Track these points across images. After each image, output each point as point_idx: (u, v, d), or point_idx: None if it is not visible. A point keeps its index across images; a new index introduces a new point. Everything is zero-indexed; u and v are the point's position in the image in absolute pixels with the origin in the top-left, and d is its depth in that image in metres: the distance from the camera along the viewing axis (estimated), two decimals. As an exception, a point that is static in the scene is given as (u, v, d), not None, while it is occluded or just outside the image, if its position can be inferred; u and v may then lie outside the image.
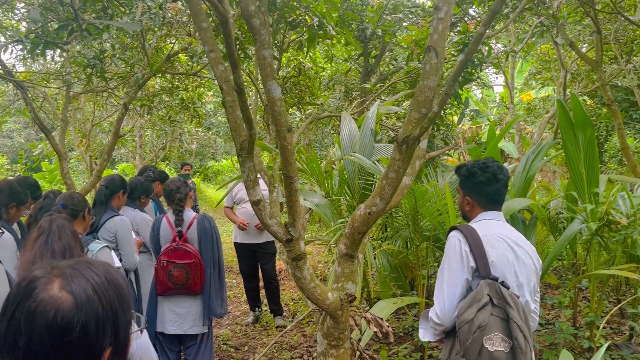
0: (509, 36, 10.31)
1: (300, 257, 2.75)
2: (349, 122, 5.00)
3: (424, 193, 4.12)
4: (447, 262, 2.21)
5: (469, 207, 2.33)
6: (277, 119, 2.46)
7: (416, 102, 2.74)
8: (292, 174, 2.58)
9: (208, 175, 25.25)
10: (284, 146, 2.51)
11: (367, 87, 5.73)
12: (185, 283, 3.49)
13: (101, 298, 0.94)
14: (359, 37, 6.85)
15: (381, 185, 2.90)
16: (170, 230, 3.63)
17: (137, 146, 14.33)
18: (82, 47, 6.86)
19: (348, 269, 3.15)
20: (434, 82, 2.71)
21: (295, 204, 2.67)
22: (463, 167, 2.33)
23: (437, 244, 4.50)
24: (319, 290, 2.83)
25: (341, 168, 5.22)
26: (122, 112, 7.58)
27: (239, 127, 2.54)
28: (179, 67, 8.85)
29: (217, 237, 3.65)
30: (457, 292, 2.14)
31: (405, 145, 2.75)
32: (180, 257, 3.52)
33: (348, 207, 4.96)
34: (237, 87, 2.23)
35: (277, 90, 2.43)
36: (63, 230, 1.83)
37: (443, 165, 5.31)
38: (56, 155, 10.50)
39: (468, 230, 2.19)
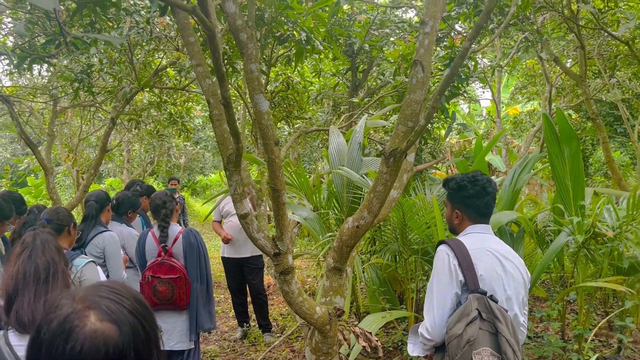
0: (495, 51, 10.46)
1: (288, 271, 2.73)
2: (337, 136, 5.01)
3: (411, 206, 4.13)
4: (436, 276, 2.20)
5: (457, 220, 2.33)
6: (265, 132, 2.46)
7: (403, 116, 2.76)
8: (280, 187, 2.58)
9: (196, 190, 25.14)
10: (272, 159, 2.51)
11: (355, 102, 5.76)
12: (170, 298, 3.45)
13: (139, 319, 0.92)
14: (347, 52, 6.91)
15: (369, 198, 2.90)
16: (155, 245, 3.60)
17: (125, 161, 14.24)
18: (69, 62, 6.85)
19: (336, 282, 3.13)
20: (420, 95, 2.73)
21: (283, 217, 2.66)
22: (452, 180, 2.33)
23: (425, 257, 4.50)
24: (307, 305, 2.81)
25: (329, 182, 5.22)
26: (110, 126, 7.55)
27: (226, 140, 2.53)
28: (167, 82, 8.84)
29: (204, 252, 3.61)
30: (446, 307, 2.13)
31: (393, 159, 2.77)
32: (165, 272, 3.48)
33: (337, 221, 4.95)
34: (224, 100, 2.23)
35: (264, 103, 2.43)
36: (47, 245, 1.80)
37: (431, 179, 5.33)
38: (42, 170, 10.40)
39: (456, 244, 2.19)
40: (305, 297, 2.81)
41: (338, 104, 8.99)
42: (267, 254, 2.71)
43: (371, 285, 4.97)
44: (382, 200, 2.88)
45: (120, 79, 7.47)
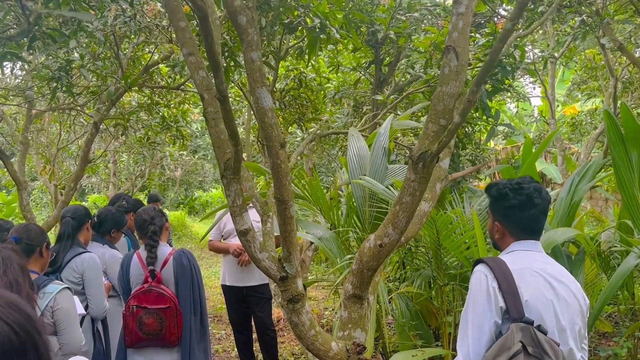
0: (548, 39, 10.39)
1: (298, 299, 2.72)
2: (357, 139, 5.01)
3: (447, 222, 4.09)
4: (471, 302, 2.17)
5: (498, 234, 2.30)
6: (268, 132, 2.47)
7: (434, 113, 2.75)
8: (287, 197, 2.58)
9: (195, 208, 25.29)
10: (277, 164, 2.51)
11: (378, 99, 5.76)
12: (159, 333, 3.45)
13: (10, 325, 0.97)
14: (370, 42, 6.92)
15: (394, 211, 2.89)
16: (141, 270, 3.61)
17: (111, 174, 14.41)
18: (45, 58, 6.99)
19: (356, 313, 3.10)
20: (454, 88, 2.72)
21: (291, 234, 2.65)
22: (494, 186, 2.30)
23: (464, 285, 4.44)
24: (320, 340, 2.79)
25: (349, 194, 5.21)
26: (92, 132, 7.66)
27: (222, 142, 2.54)
28: (159, 80, 8.96)
29: (198, 277, 3.62)
30: (483, 338, 2.09)
31: (422, 164, 2.75)
32: (153, 302, 3.49)
33: (358, 240, 4.93)
34: (219, 94, 2.25)
35: (267, 98, 2.45)
36: (10, 263, 1.82)
37: (470, 190, 5.29)
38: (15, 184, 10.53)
39: (496, 264, 2.15)
40: (318, 329, 2.79)
41: (360, 104, 9.00)
42: (272, 277, 2.70)
43: (400, 319, 4.92)
44: (409, 214, 2.86)
45: (105, 77, 7.59)
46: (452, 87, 2.72)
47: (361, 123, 6.22)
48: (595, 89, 11.72)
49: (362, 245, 3.04)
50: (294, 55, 7.20)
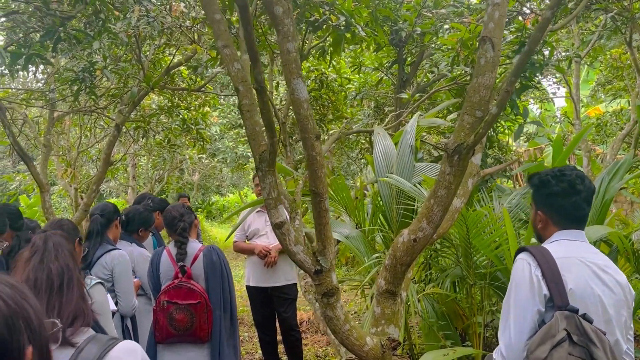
0: (572, 38, 10.32)
1: (333, 293, 2.72)
2: (383, 138, 5.01)
3: (478, 220, 4.07)
4: (513, 290, 2.16)
5: (541, 224, 2.29)
6: (304, 124, 2.47)
7: (469, 104, 2.74)
8: (322, 190, 2.58)
9: (212, 212, 25.44)
10: (312, 157, 2.51)
11: (403, 97, 5.76)
12: (189, 328, 3.47)
13: (1, 296, 1.05)
14: (393, 41, 6.93)
15: (428, 205, 2.88)
16: (171, 266, 3.64)
17: (130, 177, 14.53)
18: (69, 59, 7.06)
19: (389, 309, 3.10)
20: (490, 79, 2.71)
21: (326, 227, 2.65)
22: (535, 175, 2.30)
23: (495, 284, 4.42)
24: (355, 334, 2.78)
25: (374, 193, 5.20)
26: (114, 134, 7.73)
27: (258, 135, 2.55)
28: (180, 82, 9.03)
29: (227, 273, 3.64)
30: (526, 327, 2.08)
31: (458, 156, 2.75)
32: (183, 297, 3.51)
33: (384, 240, 4.91)
34: (257, 84, 2.26)
35: (303, 90, 2.45)
36: (60, 248, 1.84)
37: (499, 189, 5.26)
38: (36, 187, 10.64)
39: (540, 252, 2.14)
40: (353, 324, 2.79)
41: (381, 105, 9.00)
42: (307, 271, 2.70)
43: (427, 319, 4.90)
44: (444, 208, 2.85)
45: (126, 79, 7.67)
46: (488, 78, 2.71)
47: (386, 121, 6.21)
48: (620, 89, 11.61)
49: (396, 240, 3.04)
50: (315, 56, 7.22)
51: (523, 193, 4.86)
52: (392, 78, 8.03)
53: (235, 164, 15.02)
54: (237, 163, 15.11)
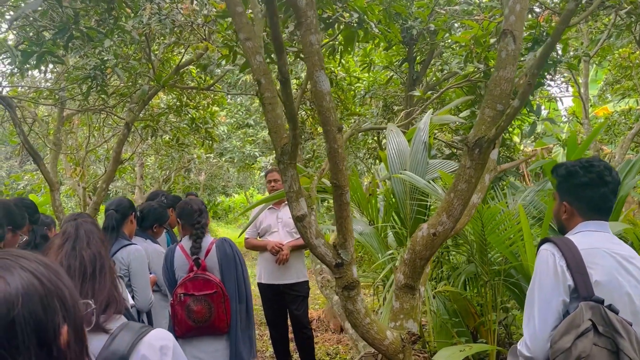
0: (581, 37, 10.30)
1: (353, 286, 2.71)
2: (396, 134, 5.00)
3: (493, 216, 4.06)
4: (537, 281, 2.15)
5: (566, 215, 2.28)
6: (326, 116, 2.47)
7: (490, 97, 2.73)
8: (343, 183, 2.58)
9: (217, 213, 25.45)
10: (334, 149, 2.51)
11: (415, 95, 5.75)
12: (208, 319, 3.49)
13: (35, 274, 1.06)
14: (403, 39, 6.92)
15: (448, 199, 2.87)
16: (186, 260, 3.67)
17: (137, 177, 14.55)
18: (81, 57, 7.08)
19: (408, 303, 3.09)
20: (511, 72, 2.71)
21: (347, 220, 2.65)
22: (561, 166, 2.30)
23: (509, 280, 4.41)
24: (375, 328, 2.78)
25: (387, 191, 5.20)
26: (124, 133, 7.74)
27: (279, 128, 2.55)
28: (189, 82, 9.04)
29: (241, 264, 3.68)
30: (551, 318, 2.08)
31: (479, 150, 2.74)
32: (200, 288, 3.53)
33: (397, 237, 4.91)
34: (281, 76, 2.26)
35: (325, 82, 2.45)
36: (92, 236, 1.85)
37: (512, 186, 5.25)
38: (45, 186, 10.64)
39: (564, 243, 2.14)
40: (373, 318, 2.78)
41: (389, 104, 8.99)
42: (328, 264, 2.70)
43: (440, 316, 4.89)
44: (465, 202, 2.85)
45: (136, 78, 7.67)
46: (509, 71, 2.70)
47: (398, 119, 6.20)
48: (629, 88, 11.57)
49: (415, 234, 3.03)
50: (325, 54, 7.22)
51: (537, 190, 4.85)
52: (402, 76, 8.03)
53: (242, 163, 15.03)
54: (244, 163, 15.12)
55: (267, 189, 5.70)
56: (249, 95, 12.70)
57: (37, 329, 1.02)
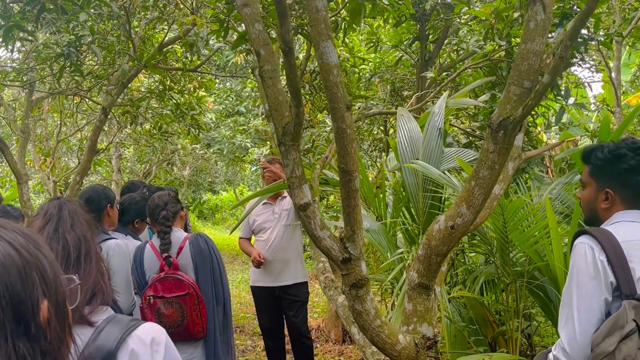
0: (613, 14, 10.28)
1: (362, 284, 2.71)
2: (407, 120, 5.00)
3: (517, 210, 4.05)
4: (575, 278, 2.15)
5: (606, 204, 2.26)
6: (333, 92, 2.47)
7: (516, 74, 2.73)
8: (352, 167, 2.57)
9: (203, 212, 25.44)
10: (342, 130, 2.51)
11: (429, 77, 5.74)
12: (181, 324, 3.50)
13: (13, 244, 1.07)
14: (414, 16, 6.91)
15: (469, 188, 2.87)
16: (156, 259, 3.70)
17: (114, 171, 14.53)
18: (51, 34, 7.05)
19: (422, 305, 3.09)
20: (540, 44, 2.70)
21: (355, 210, 2.65)
22: (600, 148, 2.27)
23: (533, 283, 4.41)
24: (386, 331, 2.78)
25: (397, 183, 5.19)
26: (101, 119, 7.72)
27: (281, 105, 2.55)
28: (173, 63, 9.02)
29: (218, 261, 3.70)
30: (592, 318, 2.07)
31: (503, 132, 2.74)
32: (170, 290, 3.55)
33: (407, 234, 4.91)
34: (284, 45, 2.26)
35: (333, 53, 2.45)
36: (76, 217, 1.82)
37: (537, 178, 5.24)
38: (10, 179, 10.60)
39: (603, 235, 2.13)
40: (384, 320, 2.78)
41: (398, 89, 8.98)
42: (334, 259, 2.69)
43: (457, 323, 4.89)
44: (487, 191, 2.84)
45: (114, 57, 7.64)
46: (537, 43, 2.69)
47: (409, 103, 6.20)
48: (665, 73, 11.58)
49: (430, 227, 3.03)
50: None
51: (565, 182, 4.85)
52: (413, 57, 8.02)
53: (232, 155, 15.02)
54: (234, 155, 15.10)
55: (263, 179, 5.69)
56: (239, 79, 12.69)
57: (14, 303, 1.02)
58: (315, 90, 8.39)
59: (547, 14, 2.70)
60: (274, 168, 5.33)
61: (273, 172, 5.34)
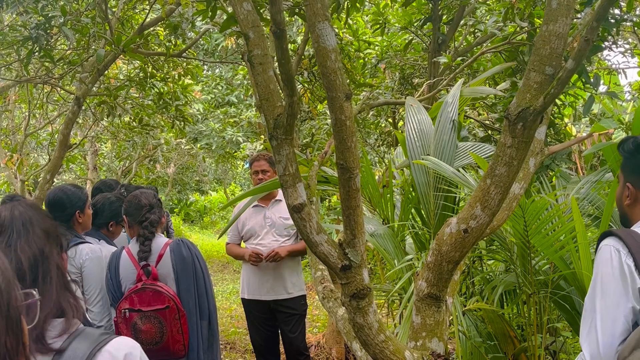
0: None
1: (363, 294, 2.72)
2: (417, 111, 5.01)
3: (539, 212, 4.06)
4: (599, 284, 2.17)
5: (629, 200, 2.29)
6: (331, 80, 2.47)
7: (537, 59, 2.74)
8: (352, 164, 2.58)
9: (190, 215, 25.46)
10: (341, 121, 2.51)
11: (442, 62, 5.76)
12: (160, 341, 3.52)
13: None
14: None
15: (484, 187, 2.88)
16: (133, 267, 3.70)
17: (89, 168, 14.55)
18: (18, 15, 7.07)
19: (432, 318, 3.10)
20: (564, 26, 2.71)
21: (356, 212, 2.66)
22: (630, 139, 2.30)
23: (558, 293, 4.42)
24: (391, 347, 2.79)
25: (405, 182, 5.20)
26: (74, 110, 7.72)
27: (272, 94, 2.55)
28: (156, 47, 9.03)
29: (203, 270, 3.71)
30: (617, 328, 2.09)
31: (522, 124, 2.74)
32: (148, 303, 3.56)
33: (417, 239, 4.92)
34: (275, 27, 2.27)
35: (330, 36, 2.45)
36: (32, 229, 1.77)
37: (563, 176, 5.25)
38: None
39: (630, 236, 2.15)
40: (388, 334, 2.79)
41: (407, 76, 8.98)
42: (332, 267, 2.70)
43: (474, 338, 4.90)
44: (504, 190, 2.85)
45: (89, 40, 7.65)
46: (561, 25, 2.70)
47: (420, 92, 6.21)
48: None
49: (441, 231, 3.04)
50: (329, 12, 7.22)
51: (594, 181, 4.86)
52: (424, 40, 8.02)
53: (221, 151, 15.01)
54: (224, 151, 15.10)
55: (252, 182, 5.69)
56: (230, 66, 12.69)
57: None
58: (314, 78, 8.41)
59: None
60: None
61: (266, 174, 5.40)
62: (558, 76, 2.66)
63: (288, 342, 5.61)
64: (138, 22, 8.24)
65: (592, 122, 13.85)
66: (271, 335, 5.68)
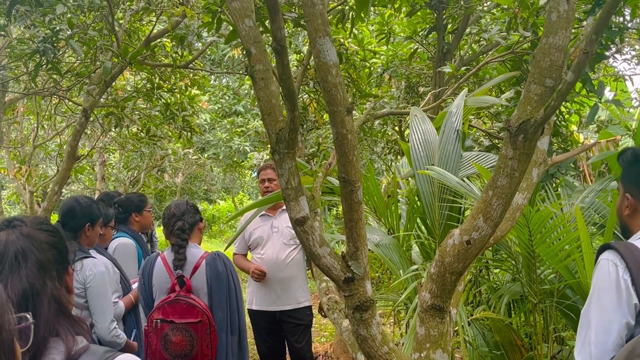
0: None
1: (367, 306, 2.74)
2: (421, 121, 5.03)
3: (544, 221, 4.07)
4: (595, 298, 2.18)
5: (629, 211, 2.30)
6: (332, 94, 2.50)
7: (537, 71, 2.76)
8: (354, 177, 2.60)
9: (199, 224, 25.46)
10: (342, 135, 2.54)
11: (446, 72, 5.78)
12: (189, 354, 3.51)
13: None
14: (431, 3, 6.95)
15: (486, 198, 2.89)
16: (167, 276, 3.69)
17: (98, 179, 14.61)
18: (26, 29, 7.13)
19: (436, 329, 3.11)
20: (563, 38, 2.73)
21: (358, 224, 2.68)
22: (629, 150, 2.32)
23: (564, 302, 4.42)
24: (395, 359, 2.80)
25: (410, 192, 5.22)
26: (82, 122, 7.78)
27: (274, 109, 2.58)
28: (162, 58, 9.07)
29: (236, 287, 3.69)
30: (610, 343, 2.11)
31: (523, 136, 2.76)
32: (181, 315, 3.56)
33: (422, 249, 4.94)
34: (276, 43, 2.29)
35: (331, 51, 2.48)
36: (23, 262, 1.63)
37: (568, 185, 5.26)
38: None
39: (629, 250, 2.16)
40: (392, 347, 2.81)
41: (413, 85, 9.00)
42: (335, 279, 2.73)
43: (477, 349, 4.91)
44: (506, 201, 2.86)
45: (96, 53, 7.71)
46: (560, 37, 2.72)
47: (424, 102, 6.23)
48: None
49: (444, 242, 3.06)
50: (332, 22, 7.25)
51: (599, 190, 4.87)
52: (429, 49, 8.05)
53: (229, 160, 15.04)
54: (232, 160, 15.13)
55: (260, 191, 5.73)
56: (237, 75, 12.74)
57: None
58: (320, 88, 8.44)
59: (571, 4, 2.73)
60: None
61: (273, 183, 5.42)
62: (558, 88, 2.68)
63: (295, 352, 5.62)
64: (145, 34, 8.29)
65: (599, 129, 13.84)
66: (277, 345, 5.70)
